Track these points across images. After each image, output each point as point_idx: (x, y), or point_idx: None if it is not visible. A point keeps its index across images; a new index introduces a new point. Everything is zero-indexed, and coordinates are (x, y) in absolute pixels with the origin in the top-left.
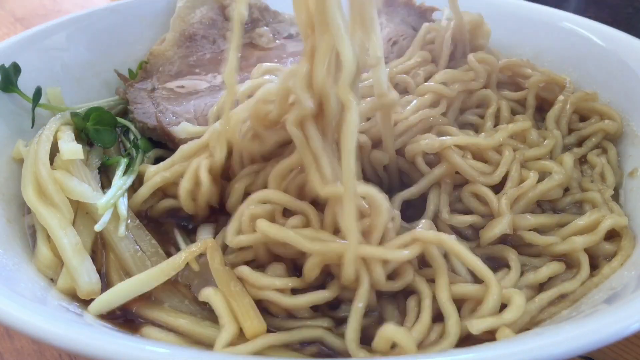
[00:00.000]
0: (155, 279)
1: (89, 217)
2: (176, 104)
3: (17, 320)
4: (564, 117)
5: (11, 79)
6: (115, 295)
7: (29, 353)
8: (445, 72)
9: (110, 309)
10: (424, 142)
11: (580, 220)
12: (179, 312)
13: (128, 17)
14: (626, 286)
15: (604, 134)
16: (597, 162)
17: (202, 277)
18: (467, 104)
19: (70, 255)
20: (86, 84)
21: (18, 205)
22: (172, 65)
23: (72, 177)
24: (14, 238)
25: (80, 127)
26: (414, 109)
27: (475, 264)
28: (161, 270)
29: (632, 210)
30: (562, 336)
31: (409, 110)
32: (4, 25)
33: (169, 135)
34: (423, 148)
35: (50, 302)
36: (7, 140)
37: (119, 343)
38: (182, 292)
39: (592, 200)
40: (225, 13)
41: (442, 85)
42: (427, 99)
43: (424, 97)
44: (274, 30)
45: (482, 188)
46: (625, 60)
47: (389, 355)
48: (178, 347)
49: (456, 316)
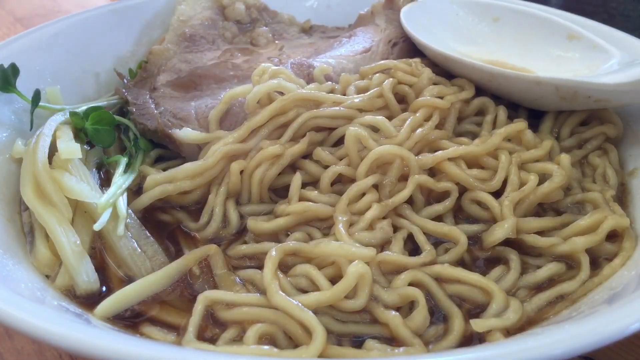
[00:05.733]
0: (161, 283)
1: (87, 216)
2: (176, 104)
3: (17, 320)
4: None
5: (9, 79)
6: (122, 299)
7: (29, 353)
8: (435, 87)
9: (116, 313)
10: (418, 159)
11: (581, 221)
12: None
13: (128, 17)
14: (626, 286)
15: (605, 137)
16: (598, 163)
17: (203, 278)
18: (465, 112)
19: (69, 254)
20: (86, 83)
21: (18, 204)
22: (171, 65)
23: (71, 176)
24: (14, 238)
25: (79, 127)
26: (409, 129)
27: (477, 280)
28: (166, 273)
29: (634, 209)
30: (562, 336)
31: (404, 131)
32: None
33: (169, 137)
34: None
35: (50, 302)
36: (6, 140)
37: (119, 343)
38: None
39: (593, 201)
40: (224, 13)
41: (435, 99)
42: (420, 117)
43: (417, 116)
44: (273, 30)
45: (482, 194)
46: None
47: (389, 356)
48: (178, 347)
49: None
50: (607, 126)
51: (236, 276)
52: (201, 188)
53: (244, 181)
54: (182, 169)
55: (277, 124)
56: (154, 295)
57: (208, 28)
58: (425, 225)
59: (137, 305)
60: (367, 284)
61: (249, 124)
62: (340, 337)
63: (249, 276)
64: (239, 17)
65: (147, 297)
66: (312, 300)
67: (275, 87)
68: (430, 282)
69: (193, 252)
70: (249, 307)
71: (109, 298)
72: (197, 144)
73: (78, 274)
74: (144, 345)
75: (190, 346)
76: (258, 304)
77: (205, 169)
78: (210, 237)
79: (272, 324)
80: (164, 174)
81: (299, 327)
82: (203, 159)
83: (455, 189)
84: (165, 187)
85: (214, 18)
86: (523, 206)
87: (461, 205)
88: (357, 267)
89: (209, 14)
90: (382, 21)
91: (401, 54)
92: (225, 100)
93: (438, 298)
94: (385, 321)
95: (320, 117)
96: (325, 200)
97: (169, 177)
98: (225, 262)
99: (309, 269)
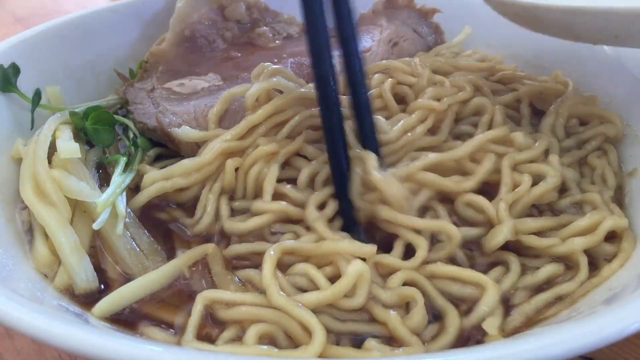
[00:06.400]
0: (159, 281)
1: (86, 216)
2: (176, 104)
3: (17, 320)
4: (559, 124)
5: (10, 79)
6: (119, 298)
7: (29, 353)
8: (433, 88)
9: (114, 313)
10: (394, 171)
11: (580, 222)
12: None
13: (128, 17)
14: (626, 287)
15: (604, 138)
16: (597, 164)
17: (200, 277)
18: (462, 113)
19: (68, 253)
20: (86, 83)
21: (18, 204)
22: (171, 65)
23: (70, 176)
24: (13, 238)
25: (79, 127)
26: (401, 130)
27: (470, 275)
28: (164, 272)
29: (633, 210)
30: (561, 336)
31: (394, 133)
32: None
33: (169, 136)
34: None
35: (50, 302)
36: (6, 139)
37: (118, 343)
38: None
39: (591, 201)
40: (224, 13)
41: (432, 101)
42: (415, 118)
43: (411, 117)
44: (274, 30)
45: (474, 197)
46: (625, 60)
47: (389, 356)
48: (178, 346)
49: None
50: (607, 126)
51: (235, 275)
52: (198, 185)
53: (239, 178)
54: (179, 165)
55: (274, 122)
56: (152, 294)
57: (208, 28)
58: (414, 223)
59: (135, 304)
60: (366, 283)
61: (247, 122)
62: (339, 335)
63: (248, 276)
64: (239, 17)
65: (145, 296)
66: (313, 300)
67: (274, 85)
68: (424, 281)
69: (191, 250)
70: (248, 306)
71: (106, 297)
72: (196, 142)
73: (77, 274)
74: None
75: (189, 346)
76: (257, 304)
77: (202, 166)
78: (203, 232)
79: (272, 324)
80: (161, 171)
81: (299, 326)
82: (200, 155)
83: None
84: (162, 185)
85: (214, 18)
86: (517, 208)
87: (455, 209)
88: (357, 265)
89: (209, 14)
90: (383, 21)
91: (401, 54)
92: (224, 100)
93: (433, 297)
94: (384, 320)
95: (317, 116)
96: (299, 196)
97: (166, 174)
98: (223, 261)
99: (308, 268)
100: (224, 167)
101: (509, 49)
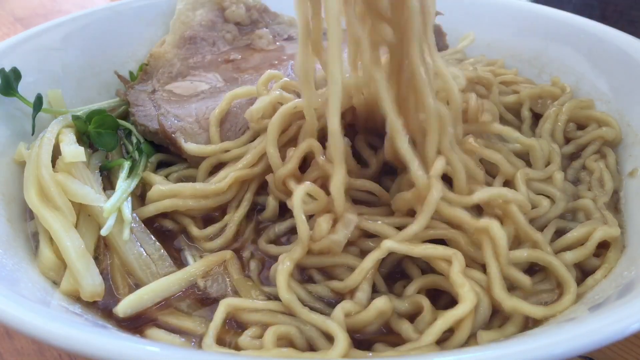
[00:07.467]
0: (177, 285)
1: (91, 220)
2: (177, 106)
3: (17, 320)
4: (558, 128)
5: (11, 83)
6: (138, 300)
7: (29, 353)
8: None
9: (137, 311)
10: None
11: (574, 232)
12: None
13: (128, 18)
14: (608, 297)
15: (603, 141)
16: (595, 167)
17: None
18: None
19: (74, 258)
20: (86, 84)
21: (18, 206)
22: (172, 67)
23: (75, 180)
24: (14, 238)
25: (82, 130)
26: None
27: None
28: (182, 276)
29: (631, 210)
30: (562, 336)
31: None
32: (4, 25)
33: (171, 139)
34: None
35: (51, 303)
36: (8, 142)
37: (119, 343)
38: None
39: (584, 208)
40: (225, 15)
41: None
42: None
43: None
44: (274, 31)
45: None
46: (625, 60)
47: (389, 356)
48: (179, 348)
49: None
50: (605, 129)
51: (252, 281)
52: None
53: None
54: (189, 187)
55: (281, 143)
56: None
57: (208, 30)
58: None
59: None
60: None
61: (258, 150)
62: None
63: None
64: (239, 19)
65: (162, 299)
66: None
67: (278, 99)
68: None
69: (209, 256)
70: (270, 313)
71: (126, 299)
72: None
73: (83, 278)
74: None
75: (210, 350)
76: (279, 311)
77: (215, 194)
78: (216, 250)
79: (291, 326)
80: (169, 187)
81: (321, 333)
82: (213, 181)
83: None
84: (174, 202)
85: (214, 20)
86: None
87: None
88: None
89: (209, 16)
90: None
91: None
92: (226, 101)
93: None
94: (398, 331)
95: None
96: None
97: (174, 191)
98: (241, 268)
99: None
100: (241, 194)
101: (509, 49)
